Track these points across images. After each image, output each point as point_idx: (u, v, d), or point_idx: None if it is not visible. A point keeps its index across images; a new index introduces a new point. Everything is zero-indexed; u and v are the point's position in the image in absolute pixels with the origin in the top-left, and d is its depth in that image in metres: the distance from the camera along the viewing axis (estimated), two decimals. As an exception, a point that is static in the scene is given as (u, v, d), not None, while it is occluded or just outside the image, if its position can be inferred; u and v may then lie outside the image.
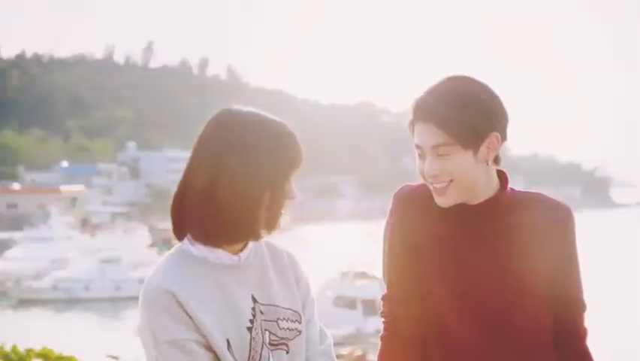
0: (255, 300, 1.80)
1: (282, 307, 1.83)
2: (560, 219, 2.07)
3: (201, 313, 1.72)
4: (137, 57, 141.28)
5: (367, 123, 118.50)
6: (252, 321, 1.77)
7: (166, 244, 60.74)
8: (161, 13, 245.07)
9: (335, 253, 35.29)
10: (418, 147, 2.03)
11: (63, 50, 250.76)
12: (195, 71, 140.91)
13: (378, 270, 3.63)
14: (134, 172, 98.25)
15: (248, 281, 1.81)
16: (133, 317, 33.90)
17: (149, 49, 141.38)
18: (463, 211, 2.03)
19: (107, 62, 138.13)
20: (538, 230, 2.04)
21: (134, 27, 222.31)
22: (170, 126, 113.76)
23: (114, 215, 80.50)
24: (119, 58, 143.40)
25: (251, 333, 1.76)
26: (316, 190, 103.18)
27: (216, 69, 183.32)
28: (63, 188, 77.10)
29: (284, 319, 1.82)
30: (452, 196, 2.00)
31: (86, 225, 69.57)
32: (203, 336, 1.71)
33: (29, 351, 4.21)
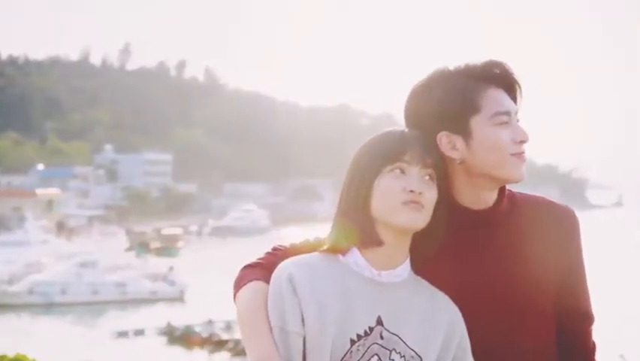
0: (380, 322, 1.77)
1: (405, 343, 1.77)
2: (564, 224, 1.89)
3: (312, 301, 1.74)
4: (114, 59, 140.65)
5: (345, 126, 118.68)
6: (359, 337, 1.75)
7: (143, 248, 60.49)
8: (138, 15, 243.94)
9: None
10: (505, 113, 1.83)
11: (38, 52, 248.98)
12: (173, 72, 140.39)
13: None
14: (111, 175, 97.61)
15: (380, 301, 1.78)
16: (110, 320, 33.67)
17: (125, 50, 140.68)
18: (466, 217, 1.86)
19: (83, 63, 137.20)
20: (540, 236, 1.87)
21: (110, 29, 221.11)
22: (147, 128, 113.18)
23: (91, 218, 79.92)
24: (95, 60, 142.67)
25: (351, 346, 1.74)
26: (295, 192, 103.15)
27: (194, 71, 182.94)
28: (39, 191, 76.44)
29: (399, 354, 1.77)
30: None
31: (62, 228, 68.99)
32: (302, 323, 1.74)
33: (3, 357, 4.15)
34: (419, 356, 1.77)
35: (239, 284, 1.82)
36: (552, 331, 1.88)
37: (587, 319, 1.92)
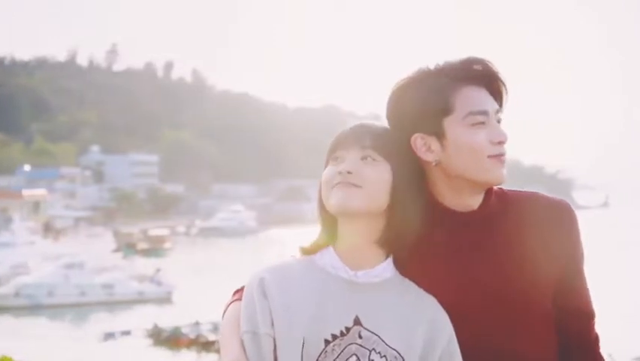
0: (358, 322, 1.73)
1: (385, 343, 1.73)
2: (559, 219, 1.81)
3: (280, 303, 1.72)
4: (101, 59, 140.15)
5: (333, 126, 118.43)
6: (334, 337, 1.71)
7: (130, 249, 60.26)
8: (125, 16, 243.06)
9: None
10: (480, 113, 1.75)
11: (25, 53, 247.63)
12: (160, 73, 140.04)
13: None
14: (98, 176, 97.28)
15: (357, 302, 1.74)
16: (97, 322, 33.53)
17: (112, 51, 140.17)
18: (454, 220, 1.79)
19: (70, 64, 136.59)
20: (535, 233, 1.79)
21: (97, 29, 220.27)
22: (135, 129, 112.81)
23: (77, 220, 79.56)
24: (82, 60, 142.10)
25: (326, 346, 1.71)
26: (282, 193, 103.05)
27: (181, 72, 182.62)
28: (25, 192, 76.04)
29: (380, 353, 1.72)
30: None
31: (48, 230, 68.64)
32: (272, 325, 1.72)
33: (-10, 359, 4.12)
34: (401, 357, 1.73)
35: (224, 309, 1.82)
36: (552, 331, 1.82)
37: (587, 316, 1.86)
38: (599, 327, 1.94)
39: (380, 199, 1.73)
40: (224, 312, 1.81)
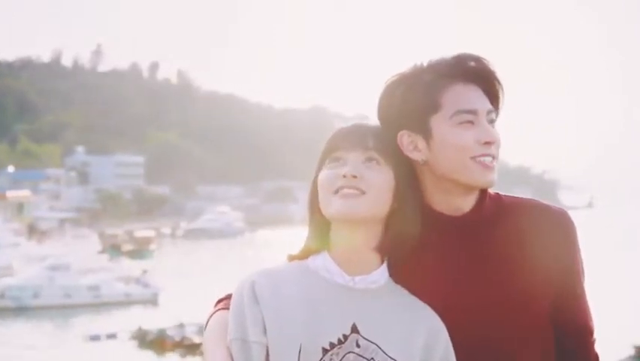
0: (355, 330, 1.65)
1: (384, 352, 1.65)
2: (558, 229, 1.74)
3: (272, 307, 1.65)
4: (86, 60, 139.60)
5: (320, 127, 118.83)
6: (332, 345, 1.64)
7: (116, 250, 59.97)
8: (110, 17, 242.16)
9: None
10: (468, 112, 1.67)
11: (9, 53, 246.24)
12: (145, 74, 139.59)
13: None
14: (83, 177, 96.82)
15: (354, 308, 1.67)
16: (83, 324, 33.38)
17: (97, 52, 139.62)
18: (445, 224, 1.72)
19: (55, 65, 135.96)
20: (531, 243, 1.72)
21: (82, 30, 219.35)
22: (120, 130, 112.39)
23: (62, 221, 79.11)
24: (67, 61, 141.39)
25: (324, 355, 1.63)
26: (269, 194, 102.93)
27: (167, 73, 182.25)
28: (9, 193, 75.56)
29: None
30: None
31: (33, 231, 68.22)
32: (264, 332, 1.64)
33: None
34: None
35: (208, 318, 1.74)
36: (549, 339, 1.76)
37: (586, 331, 1.79)
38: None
39: (384, 205, 1.66)
40: (207, 322, 1.72)
